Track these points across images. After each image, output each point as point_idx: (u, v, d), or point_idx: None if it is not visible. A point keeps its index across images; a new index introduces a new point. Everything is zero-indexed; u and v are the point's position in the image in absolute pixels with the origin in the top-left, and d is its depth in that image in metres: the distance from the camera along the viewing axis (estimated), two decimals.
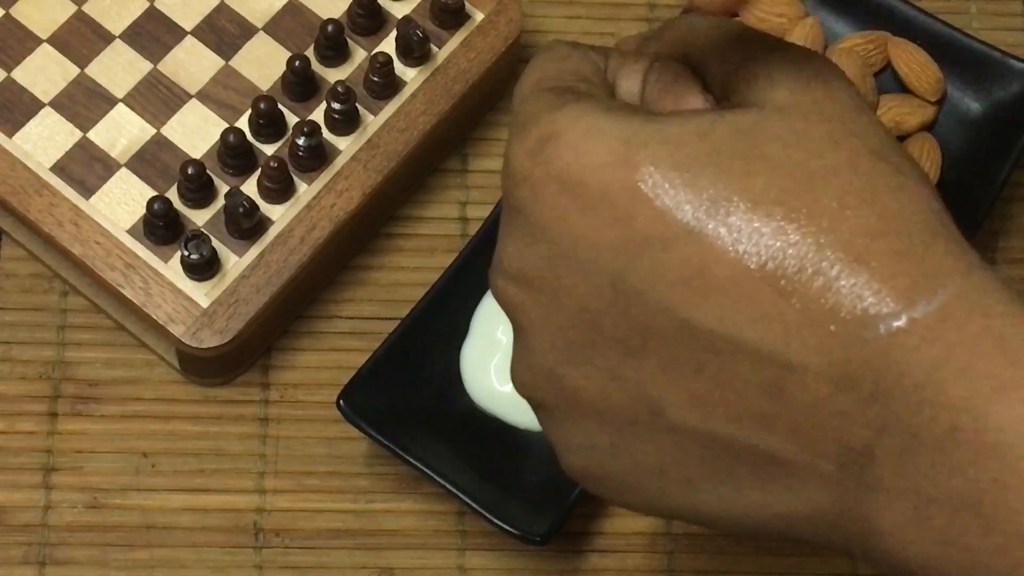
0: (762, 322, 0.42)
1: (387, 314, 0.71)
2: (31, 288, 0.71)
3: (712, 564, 0.68)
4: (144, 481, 0.68)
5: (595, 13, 0.77)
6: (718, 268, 0.42)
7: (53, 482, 0.68)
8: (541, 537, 0.64)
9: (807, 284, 0.42)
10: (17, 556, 0.66)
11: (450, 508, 0.68)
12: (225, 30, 0.71)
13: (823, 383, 0.42)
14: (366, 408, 0.66)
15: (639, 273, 0.43)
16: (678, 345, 0.43)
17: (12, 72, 0.70)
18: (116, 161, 0.69)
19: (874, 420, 0.41)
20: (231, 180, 0.69)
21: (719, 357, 0.43)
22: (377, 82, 0.70)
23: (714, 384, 0.43)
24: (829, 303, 0.42)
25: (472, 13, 0.72)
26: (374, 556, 0.67)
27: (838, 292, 0.42)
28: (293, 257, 0.67)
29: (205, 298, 0.66)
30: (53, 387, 0.69)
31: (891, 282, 0.41)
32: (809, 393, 0.42)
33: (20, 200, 0.68)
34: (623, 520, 0.68)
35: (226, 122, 0.69)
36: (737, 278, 0.42)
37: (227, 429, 0.69)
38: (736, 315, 0.42)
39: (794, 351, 0.42)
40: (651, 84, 0.48)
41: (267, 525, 0.67)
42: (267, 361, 0.70)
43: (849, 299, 0.41)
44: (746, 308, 0.42)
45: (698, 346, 0.43)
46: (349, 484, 0.68)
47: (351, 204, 0.69)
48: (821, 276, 0.42)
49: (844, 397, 0.42)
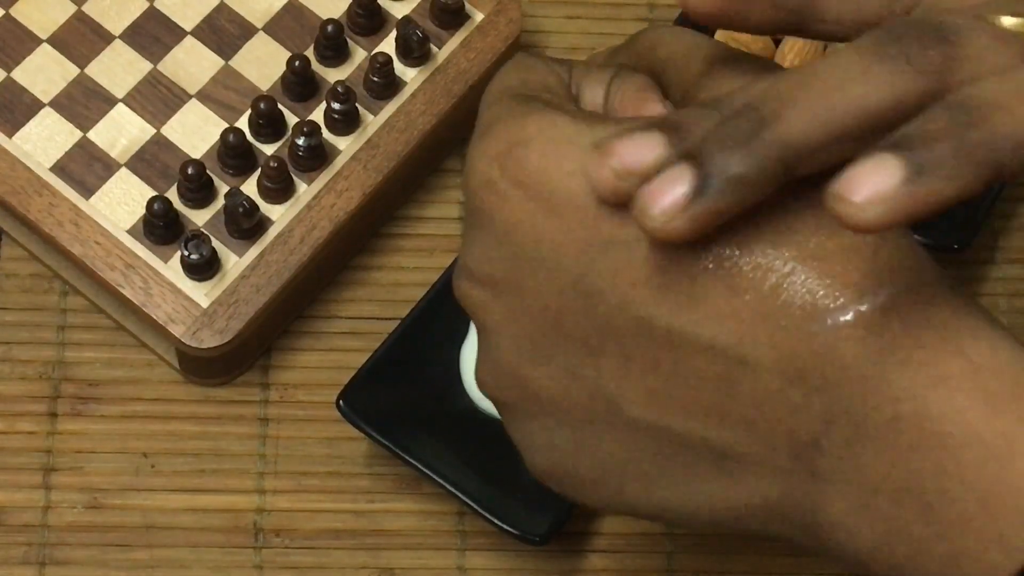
0: (716, 319, 0.43)
1: (387, 314, 0.71)
2: (31, 288, 0.71)
3: (712, 564, 0.68)
4: (144, 481, 0.68)
5: (595, 13, 0.77)
6: (673, 267, 0.43)
7: (53, 482, 0.68)
8: (541, 537, 0.64)
9: (760, 281, 0.43)
10: (17, 556, 0.66)
11: (450, 508, 0.68)
12: (225, 30, 0.71)
13: (774, 377, 0.43)
14: (366, 408, 0.66)
15: (600, 273, 0.45)
16: (636, 343, 0.44)
17: (12, 72, 0.70)
18: (116, 161, 0.69)
19: (822, 412, 0.42)
20: (231, 180, 0.69)
21: (675, 353, 0.44)
22: (377, 82, 0.70)
23: (670, 380, 0.44)
24: (781, 299, 0.43)
25: (472, 13, 0.72)
26: (374, 556, 0.67)
27: (790, 288, 0.42)
28: (293, 257, 0.67)
29: (205, 298, 0.66)
30: (53, 387, 0.69)
31: (841, 278, 0.42)
32: (761, 387, 0.43)
33: (20, 200, 0.68)
34: (623, 520, 0.68)
35: (226, 122, 0.69)
36: (693, 276, 0.43)
37: (227, 429, 0.69)
38: (692, 312, 0.43)
39: (747, 346, 0.43)
40: (613, 94, 0.50)
41: (267, 525, 0.68)
42: (267, 361, 0.70)
43: (800, 295, 0.42)
44: (701, 305, 0.43)
45: (655, 343, 0.44)
46: (349, 484, 0.68)
47: (351, 204, 0.69)
48: (774, 273, 0.43)
49: (794, 390, 0.43)
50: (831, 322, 0.42)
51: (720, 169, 0.41)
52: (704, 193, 0.41)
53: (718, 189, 0.41)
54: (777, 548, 0.68)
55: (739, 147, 0.41)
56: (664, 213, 0.41)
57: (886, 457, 0.41)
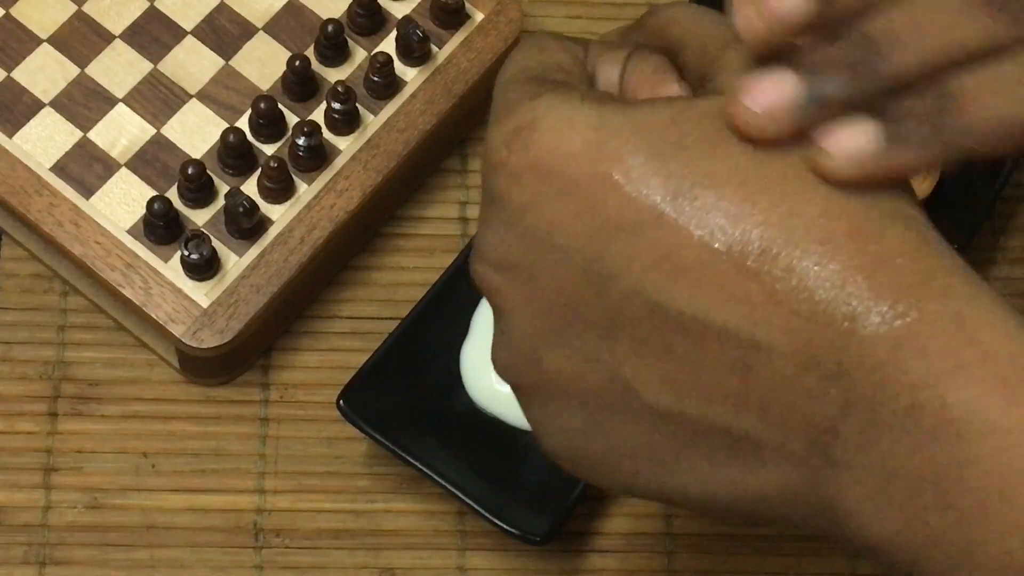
0: (730, 303, 0.43)
1: (387, 314, 0.71)
2: (31, 288, 0.71)
3: (712, 564, 0.68)
4: (144, 481, 0.68)
5: (595, 13, 0.77)
6: (686, 251, 0.43)
7: (53, 482, 0.68)
8: (541, 537, 0.64)
9: (772, 265, 0.43)
10: (17, 556, 0.66)
11: (450, 508, 0.68)
12: (225, 30, 0.71)
13: (789, 362, 0.43)
14: (366, 408, 0.66)
15: (611, 258, 0.44)
16: (649, 327, 0.44)
17: (12, 72, 0.70)
18: (116, 161, 0.69)
19: (838, 398, 0.42)
20: (231, 180, 0.69)
21: (689, 338, 0.44)
22: (377, 82, 0.70)
23: (685, 365, 0.44)
24: (793, 283, 0.42)
25: (472, 13, 0.72)
26: (374, 556, 0.67)
27: (802, 273, 0.42)
28: (293, 257, 0.67)
29: (205, 298, 0.66)
30: (53, 387, 0.69)
31: (852, 262, 0.42)
32: (776, 372, 0.43)
33: (20, 200, 0.68)
34: (623, 520, 0.68)
35: (226, 122, 0.69)
36: (705, 260, 0.43)
37: (227, 429, 0.69)
38: (704, 297, 0.43)
39: (761, 331, 0.43)
40: (629, 73, 0.49)
41: (267, 525, 0.68)
42: (267, 361, 0.70)
43: (812, 279, 0.42)
44: (714, 290, 0.43)
45: (669, 328, 0.44)
46: (349, 484, 0.68)
47: (351, 204, 0.69)
48: (785, 257, 0.43)
49: (809, 376, 0.42)
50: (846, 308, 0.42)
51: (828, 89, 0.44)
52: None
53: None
54: (777, 548, 0.68)
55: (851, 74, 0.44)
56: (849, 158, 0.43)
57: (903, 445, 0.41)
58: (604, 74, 0.50)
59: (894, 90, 0.44)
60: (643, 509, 0.68)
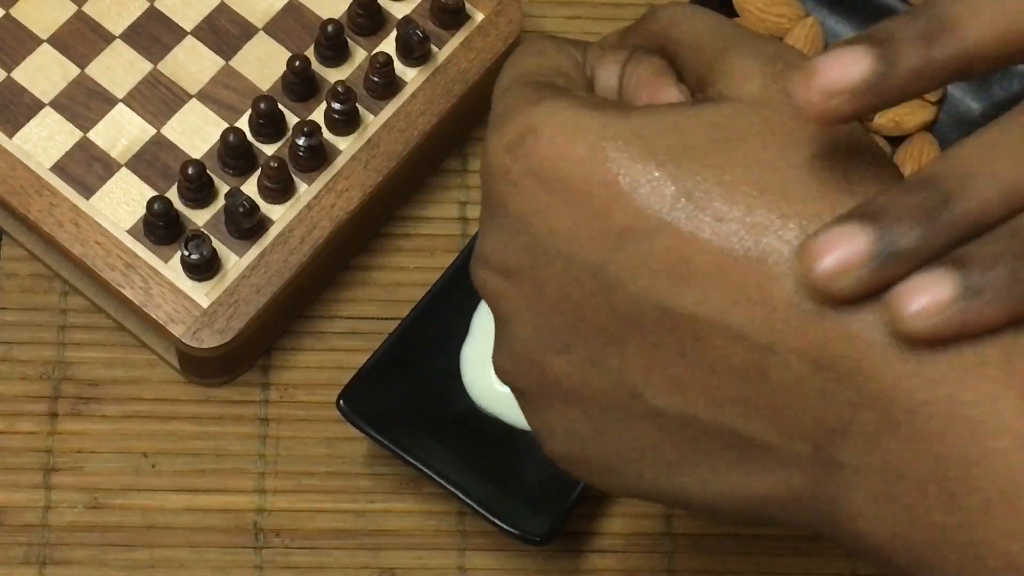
0: (746, 306, 0.43)
1: (387, 314, 0.71)
2: (31, 288, 0.71)
3: (712, 564, 0.68)
4: (144, 481, 0.68)
5: (595, 13, 0.77)
6: (700, 256, 0.43)
7: (53, 482, 0.68)
8: (541, 537, 0.64)
9: (788, 268, 0.42)
10: (17, 556, 0.66)
11: (450, 508, 0.68)
12: (225, 30, 0.71)
13: (804, 364, 0.42)
14: (366, 408, 0.66)
15: (619, 264, 0.44)
16: (659, 332, 0.44)
17: (12, 72, 0.70)
18: (116, 161, 0.69)
19: (851, 397, 0.42)
20: (231, 180, 0.69)
21: (700, 342, 0.44)
22: (377, 82, 0.70)
23: (695, 369, 0.44)
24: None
25: (472, 13, 0.72)
26: (374, 556, 0.67)
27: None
28: (293, 257, 0.67)
29: (205, 298, 0.66)
30: (53, 387, 0.69)
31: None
32: (790, 374, 0.43)
33: (20, 200, 0.68)
34: (623, 520, 0.68)
35: (226, 122, 0.69)
36: (720, 265, 0.43)
37: (227, 429, 0.69)
38: (719, 300, 0.43)
39: (777, 333, 0.43)
40: (628, 77, 0.49)
41: (267, 525, 0.68)
42: (267, 361, 0.70)
43: None
44: (730, 293, 0.43)
45: (680, 333, 0.44)
46: (349, 484, 0.68)
47: (351, 204, 0.69)
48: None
49: (823, 376, 0.42)
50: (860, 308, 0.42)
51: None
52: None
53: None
54: (778, 548, 0.68)
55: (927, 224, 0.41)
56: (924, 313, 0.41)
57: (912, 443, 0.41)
58: (603, 77, 0.50)
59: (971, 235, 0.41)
60: (643, 509, 0.68)
